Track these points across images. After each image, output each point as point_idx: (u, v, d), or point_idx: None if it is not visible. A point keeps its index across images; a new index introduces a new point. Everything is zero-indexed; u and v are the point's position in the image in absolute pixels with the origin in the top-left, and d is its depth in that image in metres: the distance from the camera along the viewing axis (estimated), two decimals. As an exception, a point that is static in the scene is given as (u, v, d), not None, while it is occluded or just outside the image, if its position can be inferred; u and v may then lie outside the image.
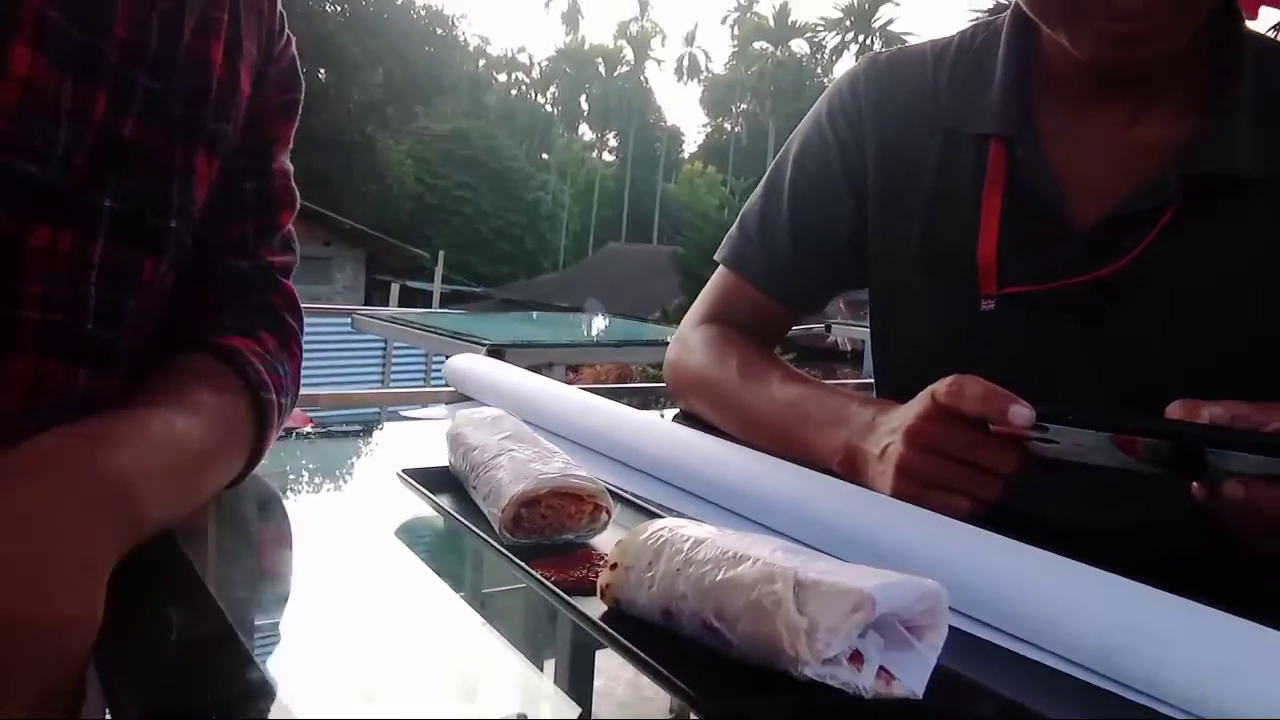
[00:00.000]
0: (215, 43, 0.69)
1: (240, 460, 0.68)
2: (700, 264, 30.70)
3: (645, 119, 60.23)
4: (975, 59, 0.97)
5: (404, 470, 0.72)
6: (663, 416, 1.04)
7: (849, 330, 5.87)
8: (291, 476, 0.78)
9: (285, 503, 0.73)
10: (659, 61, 62.21)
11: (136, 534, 0.51)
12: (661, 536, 0.51)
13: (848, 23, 54.96)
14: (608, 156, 60.76)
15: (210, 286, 0.73)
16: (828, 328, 5.31)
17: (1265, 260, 0.84)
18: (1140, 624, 0.49)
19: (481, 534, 0.62)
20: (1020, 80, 0.92)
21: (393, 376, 8.57)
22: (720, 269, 1.11)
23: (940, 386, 0.73)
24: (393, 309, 9.42)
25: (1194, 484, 0.67)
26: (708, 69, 64.22)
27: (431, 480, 0.70)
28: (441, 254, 17.08)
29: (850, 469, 0.81)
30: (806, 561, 0.45)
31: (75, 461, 0.50)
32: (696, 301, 1.13)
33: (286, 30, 0.78)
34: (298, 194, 0.81)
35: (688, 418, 1.04)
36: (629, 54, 59.80)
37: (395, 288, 14.36)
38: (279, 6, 0.77)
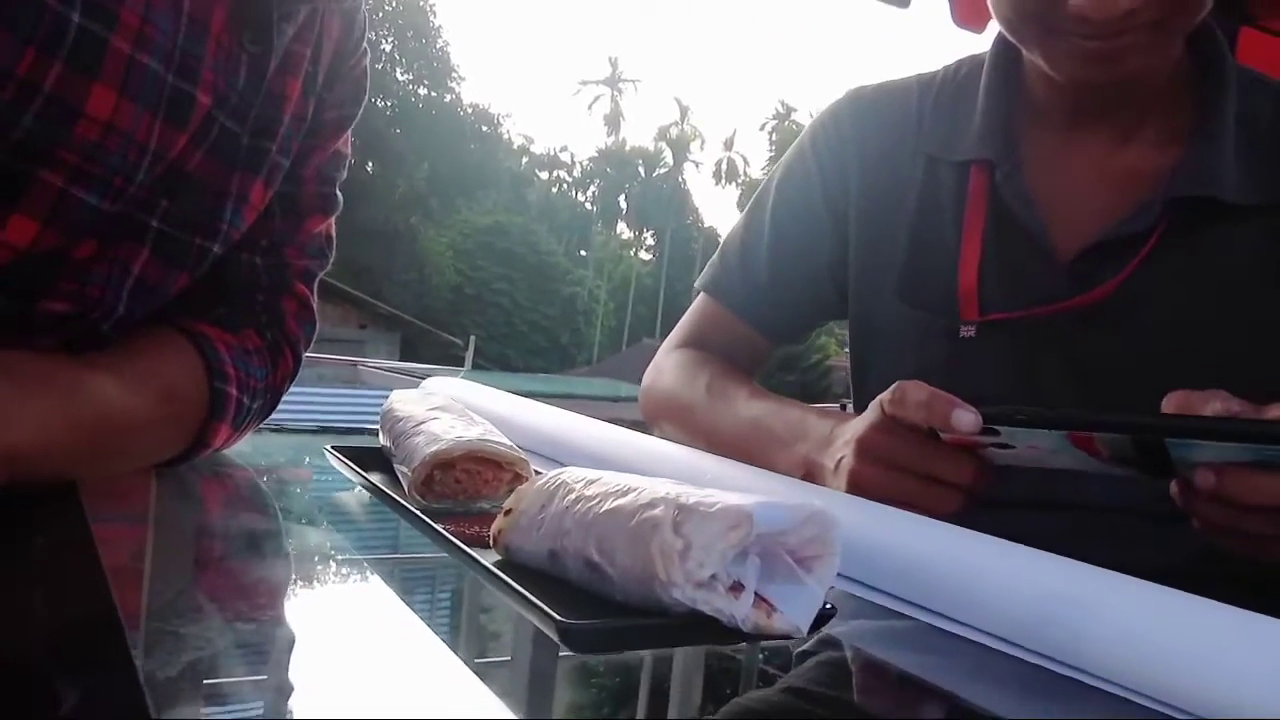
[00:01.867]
0: (294, 80, 0.68)
1: (178, 439, 0.66)
2: (732, 361, 30.80)
3: (682, 219, 61.20)
4: (958, 89, 0.96)
5: (334, 447, 0.70)
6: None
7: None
8: (233, 456, 0.76)
9: (219, 481, 0.71)
10: (697, 164, 63.50)
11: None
12: (560, 479, 0.48)
13: (884, 132, 56.03)
14: (645, 255, 61.63)
15: (216, 277, 0.72)
16: (843, 406, 5.20)
17: (1247, 286, 0.81)
18: (1070, 595, 0.45)
19: (393, 495, 0.59)
20: (1003, 109, 0.91)
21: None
22: (700, 296, 1.09)
23: (886, 394, 0.70)
24: (396, 363, 9.46)
25: (1171, 482, 0.63)
26: (745, 173, 65.45)
27: (359, 456, 0.68)
28: (473, 339, 17.24)
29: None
30: (695, 490, 0.42)
31: None
32: (675, 329, 1.11)
33: (364, 45, 0.77)
34: (337, 200, 0.79)
35: None
36: (668, 156, 61.17)
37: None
38: (361, 23, 0.76)
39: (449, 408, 0.67)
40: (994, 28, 2.54)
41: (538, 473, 0.62)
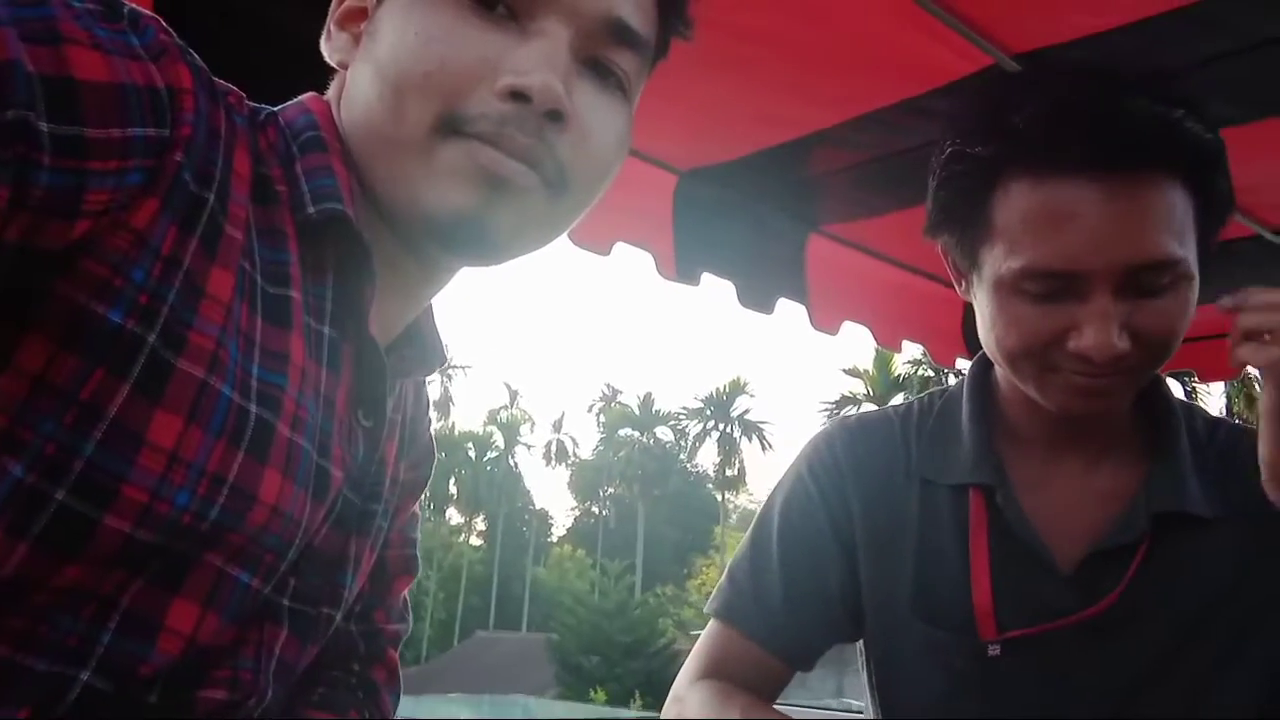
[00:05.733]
0: (392, 443, 0.72)
1: None
2: (576, 651, 29.48)
3: (514, 503, 60.79)
4: (940, 419, 1.07)
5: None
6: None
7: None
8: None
9: None
10: (529, 447, 64.16)
11: None
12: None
13: (708, 411, 58.77)
14: (476, 541, 60.27)
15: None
16: None
17: (1229, 587, 0.93)
18: None
19: None
20: (987, 434, 1.01)
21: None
22: (712, 623, 1.10)
23: None
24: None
25: None
26: (575, 454, 66.49)
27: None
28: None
29: None
30: None
31: None
32: (689, 658, 1.10)
33: (431, 411, 0.82)
34: (419, 561, 0.81)
35: None
36: (499, 439, 61.64)
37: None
38: (427, 390, 0.81)
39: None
40: (845, 330, 2.80)
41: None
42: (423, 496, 0.82)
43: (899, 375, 41.10)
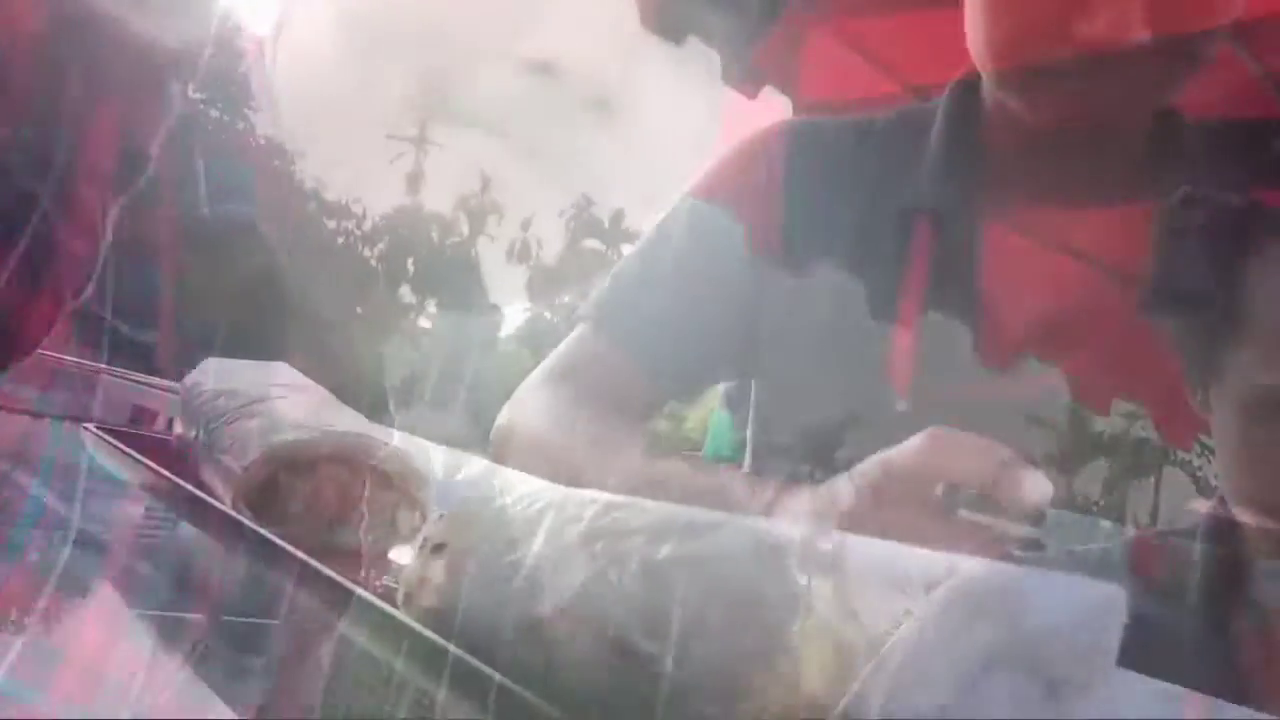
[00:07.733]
0: None
1: None
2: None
3: (468, 292, 59.74)
4: (902, 135, 0.88)
5: (93, 425, 0.48)
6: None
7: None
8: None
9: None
10: (492, 238, 62.48)
11: None
12: (538, 502, 0.32)
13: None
14: (424, 323, 59.61)
15: None
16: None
17: None
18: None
19: (209, 500, 0.38)
20: (957, 162, 0.84)
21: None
22: (579, 328, 0.91)
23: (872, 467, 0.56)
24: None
25: None
26: (537, 256, 64.97)
27: (131, 442, 0.46)
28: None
29: None
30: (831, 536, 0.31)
31: None
32: (543, 363, 0.92)
33: None
34: None
35: None
36: (464, 226, 59.95)
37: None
38: None
39: (300, 385, 0.45)
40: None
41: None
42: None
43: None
